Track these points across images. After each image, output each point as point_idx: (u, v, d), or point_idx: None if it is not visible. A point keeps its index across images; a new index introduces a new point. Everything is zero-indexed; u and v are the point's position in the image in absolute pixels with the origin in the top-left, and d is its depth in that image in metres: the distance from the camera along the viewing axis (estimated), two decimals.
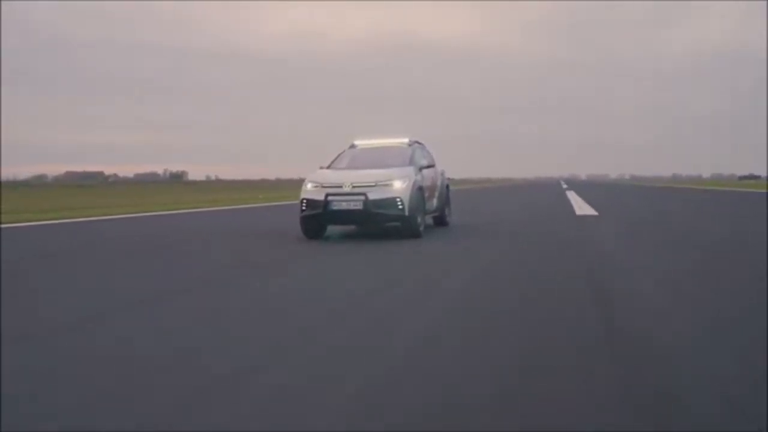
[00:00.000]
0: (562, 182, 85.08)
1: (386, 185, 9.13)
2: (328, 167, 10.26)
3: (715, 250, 8.25)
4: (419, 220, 9.45)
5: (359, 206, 9.03)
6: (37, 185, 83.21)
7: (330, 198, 9.12)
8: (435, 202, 10.77)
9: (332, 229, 10.25)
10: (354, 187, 9.11)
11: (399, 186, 9.16)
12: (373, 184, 9.12)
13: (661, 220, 13.92)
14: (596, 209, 16.60)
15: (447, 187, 11.62)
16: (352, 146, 10.95)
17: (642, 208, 19.19)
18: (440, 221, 11.39)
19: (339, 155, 10.66)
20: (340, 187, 9.15)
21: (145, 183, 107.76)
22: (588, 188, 46.41)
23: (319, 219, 9.36)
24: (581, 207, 18.02)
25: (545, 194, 33.12)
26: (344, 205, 9.08)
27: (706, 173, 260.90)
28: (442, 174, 11.45)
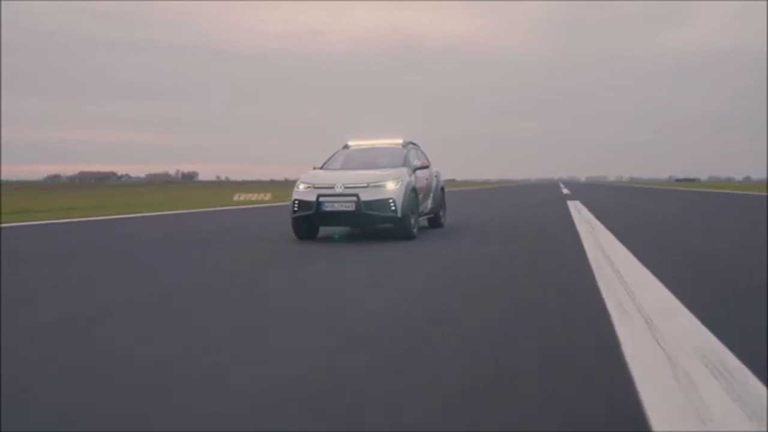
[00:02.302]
0: (561, 183, 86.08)
1: (379, 186, 8.69)
2: (321, 168, 9.82)
3: (600, 199, 24.24)
4: (413, 221, 9.00)
5: (351, 207, 8.59)
6: (66, 185, 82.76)
7: (322, 199, 8.68)
8: (429, 203, 10.32)
9: (324, 230, 9.81)
10: (346, 188, 8.67)
11: (392, 187, 8.72)
12: (366, 185, 8.68)
13: (592, 194, 34.41)
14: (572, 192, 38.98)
15: (442, 188, 11.17)
16: (346, 147, 10.51)
17: (593, 192, 40.03)
18: (435, 223, 10.93)
19: (332, 156, 10.21)
20: (332, 188, 8.71)
21: (162, 183, 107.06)
22: (578, 186, 62.14)
23: (310, 220, 8.93)
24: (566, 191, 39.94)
25: (544, 191, 38.07)
26: (336, 206, 8.64)
27: (704, 175, 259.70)
28: (437, 175, 10.99)
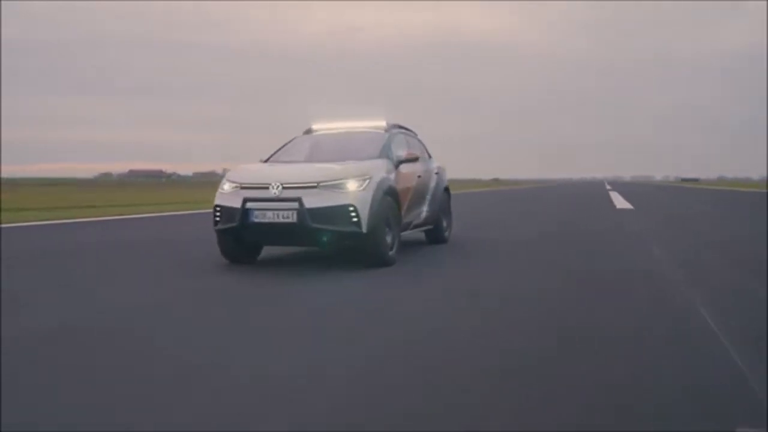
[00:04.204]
0: (606, 183, 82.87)
1: (333, 186, 5.65)
2: (268, 159, 6.87)
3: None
4: (388, 239, 5.92)
5: (291, 218, 5.56)
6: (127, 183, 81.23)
7: (250, 205, 5.69)
8: (424, 211, 7.20)
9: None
10: (285, 188, 5.65)
11: (353, 188, 5.67)
12: (314, 184, 5.66)
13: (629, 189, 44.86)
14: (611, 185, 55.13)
15: (445, 189, 8.02)
16: (308, 131, 7.47)
17: (632, 189, 45.19)
18: (435, 237, 7.78)
19: (287, 144, 7.21)
20: (266, 188, 5.71)
21: (208, 181, 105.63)
22: (622, 186, 64.02)
23: (236, 235, 5.97)
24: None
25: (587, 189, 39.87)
26: (270, 216, 5.63)
27: (755, 175, 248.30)
28: (438, 172, 7.85)
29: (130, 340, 3.36)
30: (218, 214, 5.94)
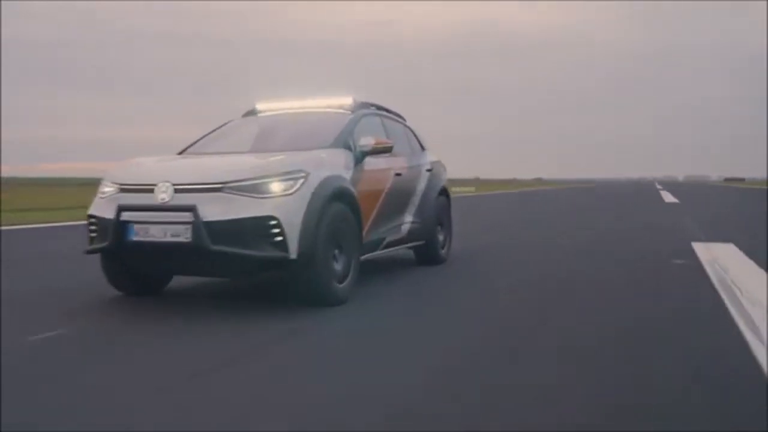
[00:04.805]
0: (656, 183, 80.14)
1: (246, 188, 3.77)
2: (182, 152, 5.05)
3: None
4: (336, 266, 4.04)
5: (185, 236, 3.71)
6: None
7: (126, 216, 3.88)
8: (406, 222, 5.23)
9: None
10: (177, 191, 3.83)
11: (277, 190, 3.80)
12: (217, 186, 3.79)
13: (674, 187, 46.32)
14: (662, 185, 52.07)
15: (442, 191, 6.06)
16: (251, 113, 5.60)
17: (678, 187, 49.60)
18: (428, 256, 5.81)
19: (215, 129, 5.36)
20: (150, 191, 3.89)
21: None
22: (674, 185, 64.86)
23: (114, 258, 4.18)
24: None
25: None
26: (154, 233, 3.80)
27: None
28: (431, 169, 5.89)
29: None
30: (92, 228, 4.16)
